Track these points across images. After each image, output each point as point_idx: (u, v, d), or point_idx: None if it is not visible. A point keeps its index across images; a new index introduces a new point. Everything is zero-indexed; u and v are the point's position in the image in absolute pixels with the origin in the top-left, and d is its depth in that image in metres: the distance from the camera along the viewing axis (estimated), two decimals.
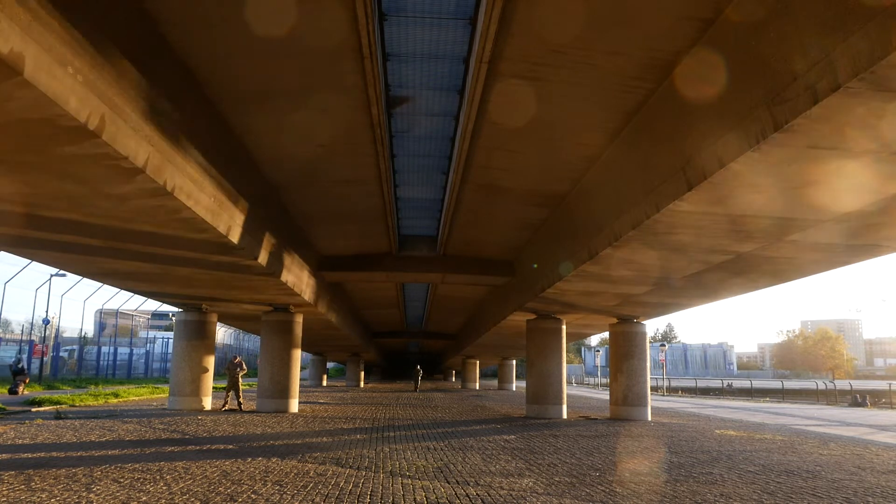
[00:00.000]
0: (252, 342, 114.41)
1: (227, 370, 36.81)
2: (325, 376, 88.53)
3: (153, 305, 72.10)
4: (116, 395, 42.93)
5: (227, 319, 47.28)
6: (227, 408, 35.18)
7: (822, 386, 75.34)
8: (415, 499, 12.80)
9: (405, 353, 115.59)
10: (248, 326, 56.73)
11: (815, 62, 9.34)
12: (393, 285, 45.38)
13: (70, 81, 9.99)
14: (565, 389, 36.55)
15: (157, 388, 53.21)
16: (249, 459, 17.18)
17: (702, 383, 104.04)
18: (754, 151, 11.30)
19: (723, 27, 12.29)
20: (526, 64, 14.59)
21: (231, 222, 18.85)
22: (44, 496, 11.97)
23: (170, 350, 67.13)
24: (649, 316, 36.49)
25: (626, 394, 35.57)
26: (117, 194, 14.73)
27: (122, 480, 13.76)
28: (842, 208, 14.50)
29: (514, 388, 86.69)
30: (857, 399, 57.82)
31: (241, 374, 36.23)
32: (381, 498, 12.79)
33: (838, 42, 8.87)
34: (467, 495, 13.17)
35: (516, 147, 19.71)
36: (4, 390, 41.40)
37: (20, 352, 59.31)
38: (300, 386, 38.69)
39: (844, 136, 10.60)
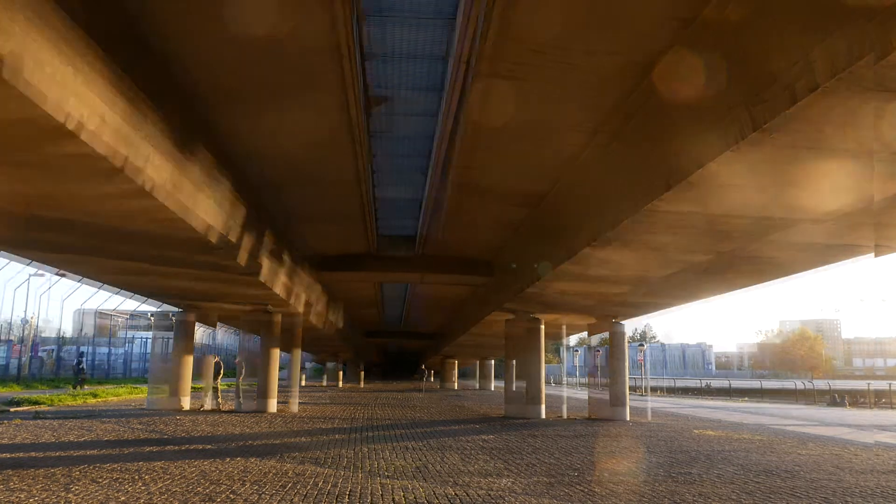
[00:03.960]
0: (234, 342, 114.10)
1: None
2: (303, 376, 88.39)
3: (132, 305, 72.03)
4: (95, 395, 42.77)
5: (207, 319, 47.15)
6: (204, 408, 35.07)
7: (800, 386, 75.58)
8: (393, 499, 12.79)
9: (385, 352, 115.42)
10: (233, 325, 56.67)
11: (794, 62, 9.38)
12: (371, 284, 45.35)
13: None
14: (544, 389, 36.59)
15: (136, 388, 52.99)
16: (228, 459, 17.15)
17: (680, 383, 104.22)
18: (733, 151, 11.34)
19: (702, 27, 12.31)
20: (506, 64, 14.59)
21: (212, 221, 18.80)
22: (22, 496, 11.92)
23: (149, 350, 67.01)
24: (629, 316, 36.58)
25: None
26: (102, 194, 14.78)
27: (100, 480, 13.72)
28: (821, 208, 14.57)
29: (493, 388, 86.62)
30: (835, 399, 58.20)
31: (220, 376, 36.21)
32: (360, 498, 12.79)
33: (816, 42, 8.91)
34: (445, 495, 13.18)
35: (496, 147, 19.70)
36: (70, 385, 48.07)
37: (80, 353, 59.85)
38: (279, 386, 38.67)
39: (823, 135, 10.64)
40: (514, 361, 36.67)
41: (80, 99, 10.98)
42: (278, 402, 36.82)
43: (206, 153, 17.99)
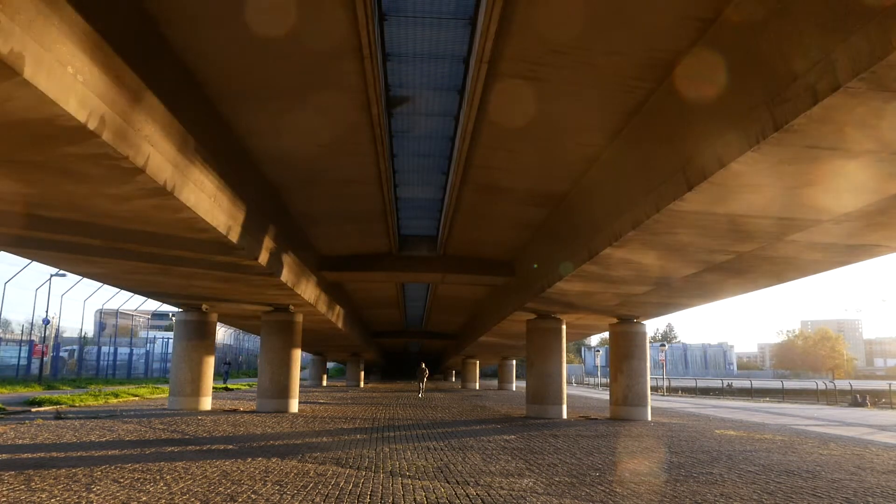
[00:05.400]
0: (252, 342, 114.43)
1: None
2: (325, 376, 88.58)
3: (153, 305, 72.10)
4: (116, 395, 42.90)
5: (227, 319, 47.29)
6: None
7: (821, 386, 75.12)
8: (415, 499, 12.80)
9: (405, 352, 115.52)
10: (248, 326, 56.77)
11: (815, 62, 9.34)
12: (393, 285, 45.46)
13: (70, 81, 9.99)
14: (565, 389, 36.52)
15: (157, 388, 53.19)
16: (249, 459, 17.18)
17: (702, 383, 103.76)
18: (754, 151, 11.30)
19: (723, 27, 12.29)
20: (526, 64, 14.60)
21: (231, 222, 18.86)
22: (44, 496, 11.97)
23: (170, 350, 67.06)
24: (649, 316, 36.50)
25: (627, 394, 35.56)
26: (117, 194, 14.75)
27: (122, 480, 13.77)
28: (842, 208, 14.50)
29: (514, 388, 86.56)
30: (857, 399, 57.81)
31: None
32: (381, 498, 12.79)
33: (838, 42, 8.87)
34: (467, 495, 13.17)
35: (516, 147, 19.71)
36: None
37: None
38: (300, 386, 38.71)
39: (844, 136, 10.59)
40: (535, 361, 36.54)
41: (102, 99, 11.01)
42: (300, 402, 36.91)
43: (227, 153, 18.06)
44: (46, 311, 64.22)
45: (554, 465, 17.69)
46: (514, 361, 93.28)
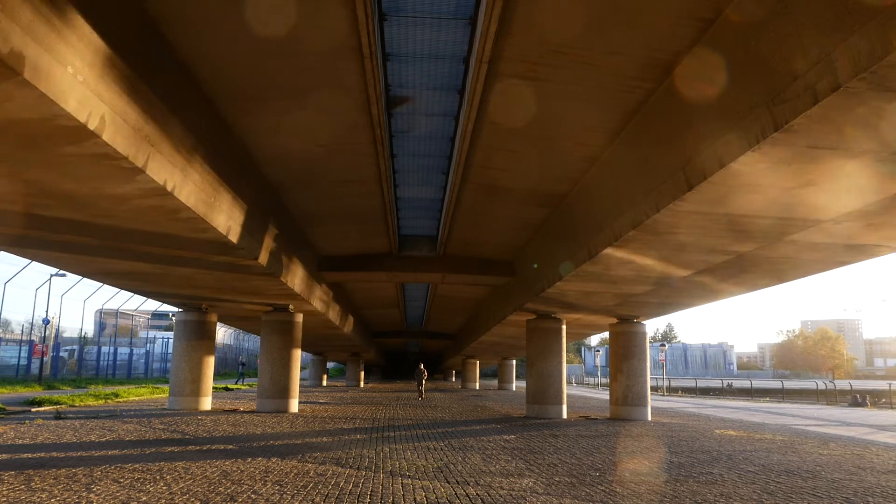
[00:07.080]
0: (252, 342, 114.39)
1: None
2: (325, 376, 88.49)
3: (153, 305, 72.12)
4: (116, 395, 42.82)
5: (227, 319, 47.27)
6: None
7: (821, 386, 75.16)
8: (415, 499, 12.79)
9: (405, 352, 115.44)
10: (248, 326, 56.71)
11: (815, 62, 9.34)
12: (393, 285, 45.39)
13: (70, 81, 9.98)
14: (565, 389, 36.50)
15: (157, 388, 53.16)
16: (249, 459, 17.18)
17: (702, 383, 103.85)
18: (754, 151, 11.29)
19: (723, 27, 12.28)
20: (526, 64, 14.59)
21: (231, 222, 18.86)
22: (44, 496, 11.96)
23: (170, 350, 67.00)
24: (649, 316, 36.47)
25: (626, 394, 35.56)
26: (117, 194, 14.74)
27: (122, 480, 13.76)
28: (842, 208, 14.49)
29: (514, 388, 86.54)
30: (856, 399, 57.75)
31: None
32: (382, 498, 12.78)
33: (838, 42, 8.87)
34: (467, 495, 13.17)
35: (516, 147, 19.70)
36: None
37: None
38: (300, 386, 38.56)
39: (844, 136, 10.59)
40: (535, 361, 36.52)
41: (102, 99, 11.01)
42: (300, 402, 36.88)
43: (226, 153, 18.04)
44: (46, 311, 64.22)
45: (554, 465, 17.69)
46: (514, 361, 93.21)
